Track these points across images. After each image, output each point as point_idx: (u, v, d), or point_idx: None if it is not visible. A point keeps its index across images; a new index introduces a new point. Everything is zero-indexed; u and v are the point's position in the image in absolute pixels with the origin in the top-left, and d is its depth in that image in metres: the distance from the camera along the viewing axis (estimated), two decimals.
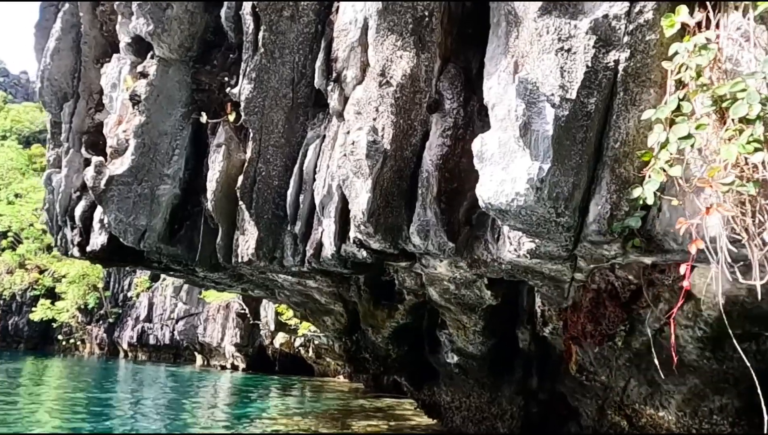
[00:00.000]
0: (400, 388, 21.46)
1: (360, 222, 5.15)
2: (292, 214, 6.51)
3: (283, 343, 30.08)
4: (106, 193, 6.68)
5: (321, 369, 30.48)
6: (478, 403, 8.63)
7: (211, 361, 36.14)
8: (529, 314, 7.63)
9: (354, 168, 4.99)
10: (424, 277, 6.61)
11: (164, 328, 39.83)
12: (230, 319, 33.56)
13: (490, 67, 5.34)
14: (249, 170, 6.43)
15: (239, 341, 32.99)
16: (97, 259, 7.78)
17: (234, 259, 6.92)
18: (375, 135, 4.94)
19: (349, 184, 5.26)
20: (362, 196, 5.00)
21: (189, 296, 35.41)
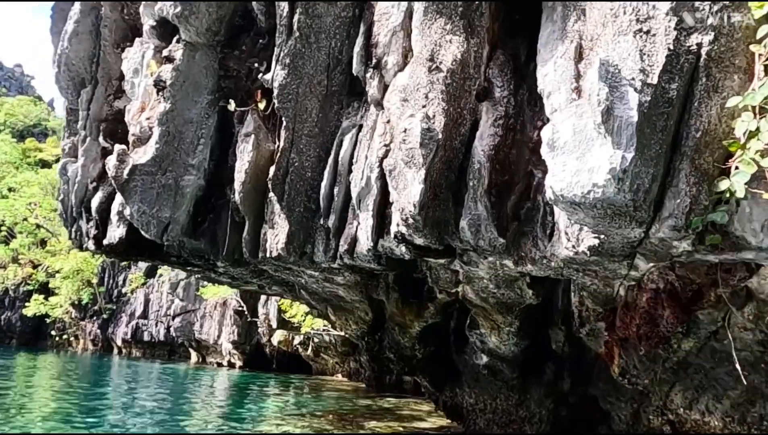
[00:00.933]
0: (402, 387, 21.43)
1: (409, 215, 4.85)
2: (325, 207, 6.21)
3: (282, 340, 29.80)
4: (129, 183, 6.35)
5: (319, 367, 30.25)
6: (506, 405, 8.36)
7: (207, 359, 35.79)
8: (564, 315, 7.38)
9: (406, 157, 4.70)
10: (461, 274, 6.32)
11: (159, 325, 39.39)
12: (227, 317, 33.24)
13: (545, 53, 5.06)
14: (281, 160, 6.12)
15: (237, 339, 32.66)
16: (114, 253, 7.44)
17: (261, 254, 6.61)
18: (429, 122, 4.64)
19: (397, 174, 4.96)
20: (414, 188, 4.70)
21: (186, 293, 35.02)
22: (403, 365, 8.31)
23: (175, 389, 20.18)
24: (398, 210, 4.98)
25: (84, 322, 45.12)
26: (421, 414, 14.57)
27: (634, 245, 4.56)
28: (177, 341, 37.89)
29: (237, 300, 32.25)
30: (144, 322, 40.36)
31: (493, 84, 5.33)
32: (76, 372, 26.28)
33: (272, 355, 32.45)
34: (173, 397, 17.52)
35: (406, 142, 4.67)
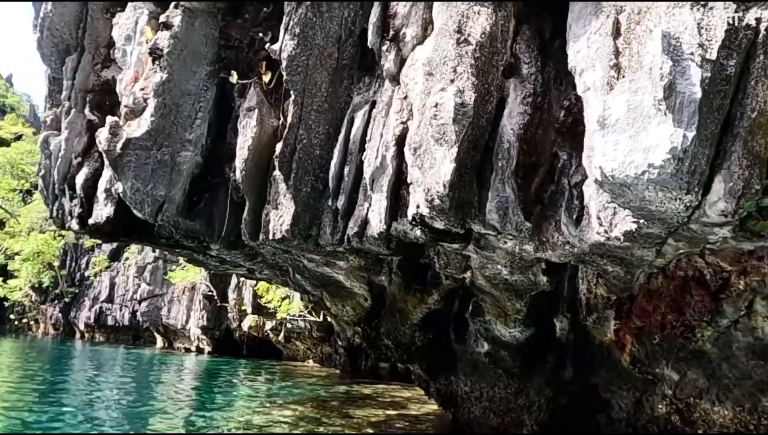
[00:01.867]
0: (377, 373, 21.27)
1: (436, 196, 4.57)
2: (334, 187, 5.89)
3: (252, 326, 29.40)
4: (122, 158, 5.91)
5: (289, 353, 29.98)
6: (504, 393, 8.21)
7: (175, 344, 35.12)
8: (569, 302, 7.23)
9: (436, 134, 4.41)
10: (473, 260, 6.09)
11: (123, 309, 38.51)
12: (196, 301, 32.64)
13: (577, 29, 4.83)
14: (289, 137, 5.77)
15: (206, 324, 32.12)
16: (100, 233, 6.98)
17: (262, 236, 6.26)
18: (462, 96, 4.35)
19: (422, 153, 4.67)
20: (444, 167, 4.42)
21: (153, 277, 34.20)
22: (402, 353, 8.07)
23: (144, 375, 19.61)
24: (423, 190, 4.69)
25: (45, 305, 43.84)
26: (403, 401, 14.42)
27: (672, 231, 4.39)
28: (142, 326, 37.10)
29: (207, 285, 31.69)
30: (108, 307, 39.39)
31: (519, 60, 5.08)
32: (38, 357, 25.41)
33: (242, 340, 32.06)
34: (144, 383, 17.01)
35: (437, 118, 4.38)
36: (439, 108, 4.37)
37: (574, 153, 5.12)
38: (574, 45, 4.82)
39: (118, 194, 6.77)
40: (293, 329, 25.56)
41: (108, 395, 13.29)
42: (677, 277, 5.07)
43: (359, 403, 13.56)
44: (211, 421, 10.12)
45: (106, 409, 11.14)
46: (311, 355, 28.46)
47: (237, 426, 9.67)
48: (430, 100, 4.48)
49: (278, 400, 13.48)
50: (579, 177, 5.02)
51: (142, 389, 15.56)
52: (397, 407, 12.90)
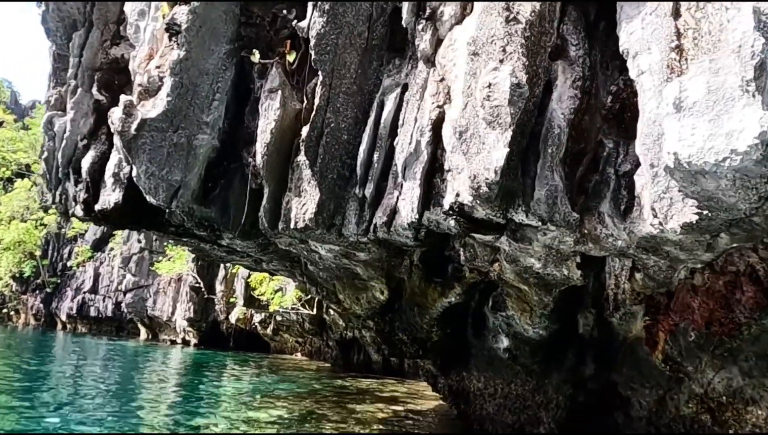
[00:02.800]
0: (370, 367, 21.02)
1: (484, 183, 4.30)
2: (362, 174, 5.60)
3: (240, 318, 29.03)
4: (137, 139, 5.55)
5: (277, 346, 29.70)
6: (522, 390, 7.99)
7: (160, 336, 34.59)
8: (593, 298, 7.01)
9: (489, 116, 4.13)
10: (506, 252, 5.83)
11: (107, 300, 37.88)
12: (183, 293, 32.16)
13: (630, 9, 4.58)
14: (316, 120, 5.45)
15: (192, 316, 31.65)
16: (106, 220, 6.62)
17: (282, 225, 5.95)
18: (517, 76, 4.08)
19: (469, 137, 4.39)
20: (496, 152, 4.14)
21: (138, 268, 33.60)
22: (417, 348, 7.81)
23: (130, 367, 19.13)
24: (468, 177, 4.41)
25: (26, 295, 42.99)
26: (402, 395, 14.20)
27: (732, 223, 4.16)
28: (126, 317, 36.53)
29: (194, 276, 31.22)
30: (91, 297, 38.69)
31: (567, 42, 4.81)
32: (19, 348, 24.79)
33: (229, 332, 31.67)
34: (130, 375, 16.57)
35: (491, 99, 4.10)
36: (492, 89, 4.09)
37: (621, 141, 4.88)
38: (626, 26, 4.57)
39: (128, 179, 6.43)
40: (283, 322, 25.20)
41: (92, 388, 12.84)
42: (728, 273, 4.86)
43: (359, 398, 13.30)
44: (210, 417, 9.78)
45: (91, 401, 10.72)
46: (299, 348, 28.19)
47: (239, 422, 9.36)
48: (482, 81, 4.19)
49: (276, 394, 13.16)
50: (628, 166, 4.78)
51: (128, 382, 15.13)
52: (399, 402, 12.65)
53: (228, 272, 30.58)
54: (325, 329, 22.41)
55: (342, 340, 22.01)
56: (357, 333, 19.36)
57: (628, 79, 4.87)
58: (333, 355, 23.11)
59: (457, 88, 4.94)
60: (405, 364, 19.95)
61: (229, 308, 30.50)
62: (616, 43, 4.97)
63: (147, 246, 33.65)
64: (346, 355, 22.48)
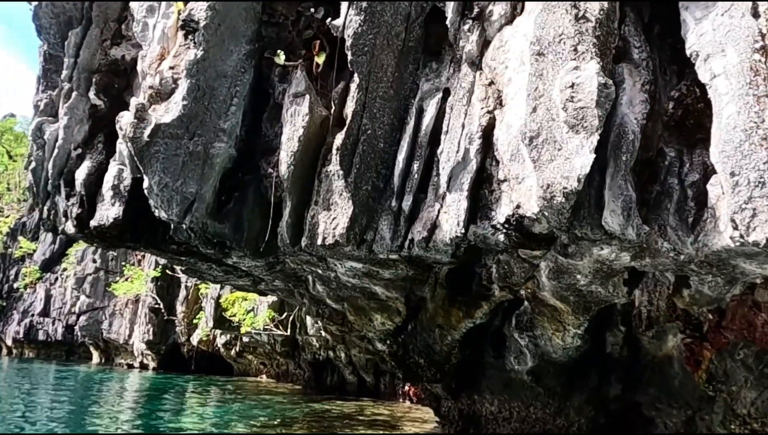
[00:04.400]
0: (345, 389, 20.39)
1: (560, 192, 3.92)
2: (399, 186, 5.16)
3: (203, 340, 27.98)
4: (150, 147, 4.97)
5: (241, 368, 28.77)
6: (542, 414, 7.62)
7: (116, 359, 33.02)
8: (623, 315, 6.74)
9: (573, 119, 3.77)
10: (549, 269, 5.47)
11: (56, 323, 35.98)
12: (140, 315, 30.83)
13: (697, 11, 4.34)
14: (352, 127, 5.00)
15: (151, 338, 30.30)
16: (102, 237, 5.97)
17: (306, 241, 5.44)
18: (604, 75, 3.74)
19: (542, 143, 4.01)
20: (579, 158, 3.77)
21: (93, 289, 32.05)
22: (435, 371, 7.35)
23: (86, 394, 17.87)
24: (539, 186, 4.03)
25: None
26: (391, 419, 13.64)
27: None
28: (77, 341, 34.76)
29: (153, 297, 29.96)
30: (40, 320, 36.71)
31: (629, 43, 4.53)
32: None
33: (190, 355, 30.43)
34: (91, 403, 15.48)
35: (575, 100, 3.74)
36: (576, 89, 3.74)
37: (685, 149, 4.62)
38: (696, 28, 4.32)
39: (128, 192, 5.82)
40: (250, 343, 24.30)
41: (41, 418, 11.79)
42: None
43: (347, 423, 12.70)
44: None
45: None
46: (264, 370, 27.31)
47: None
48: (562, 81, 3.84)
49: (254, 421, 12.41)
50: (696, 175, 4.51)
51: (82, 410, 14.04)
52: (390, 427, 12.10)
53: (189, 293, 29.49)
54: (298, 350, 21.70)
55: (315, 362, 21.34)
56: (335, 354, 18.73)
57: (690, 84, 4.62)
58: (305, 376, 22.37)
59: (511, 92, 4.58)
60: (381, 385, 19.47)
61: (191, 330, 29.38)
62: (672, 47, 4.74)
63: (103, 266, 32.19)
64: (318, 376, 21.80)
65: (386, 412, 15.30)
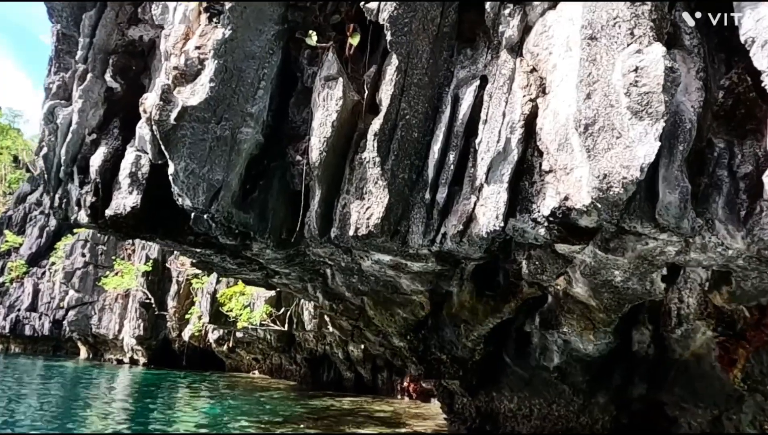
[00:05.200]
0: (341, 385, 20.20)
1: (620, 182, 3.74)
2: (434, 176, 4.97)
3: (194, 335, 27.70)
4: (176, 131, 4.73)
5: (233, 364, 28.58)
6: (565, 411, 7.46)
7: (105, 355, 32.60)
8: (650, 313, 6.59)
9: (636, 105, 3.59)
10: (585, 264, 5.29)
11: (43, 318, 35.43)
12: (131, 310, 30.47)
13: None
14: (390, 111, 4.80)
15: (142, 333, 29.98)
16: (118, 227, 5.71)
17: (336, 232, 5.23)
18: (669, 59, 3.56)
19: (598, 131, 3.83)
20: (643, 147, 3.59)
21: (82, 283, 31.59)
22: (457, 368, 7.17)
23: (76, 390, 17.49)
24: (596, 176, 3.84)
25: None
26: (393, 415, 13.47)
27: None
28: (65, 336, 34.28)
29: (143, 291, 29.62)
30: (26, 315, 36.14)
31: (681, 29, 4.35)
32: None
33: (181, 350, 30.14)
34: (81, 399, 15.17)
35: (639, 85, 3.56)
36: (640, 73, 3.56)
37: (735, 140, 4.46)
38: (751, 13, 4.15)
39: (146, 179, 5.57)
40: (244, 339, 24.09)
41: (28, 415, 11.46)
42: None
43: (352, 420, 12.52)
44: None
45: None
46: (257, 366, 27.09)
47: None
48: (624, 65, 3.65)
49: (258, 419, 12.18)
50: (749, 167, 4.36)
51: (71, 406, 13.69)
52: (395, 424, 11.91)
53: (181, 288, 29.20)
54: (294, 346, 21.49)
55: (311, 358, 21.14)
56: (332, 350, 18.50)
57: (741, 72, 4.47)
58: (301, 372, 22.16)
59: (557, 79, 4.40)
60: (378, 381, 19.34)
61: (182, 325, 29.11)
62: (719, 34, 4.58)
63: (92, 260, 31.74)
64: (314, 372, 21.62)
65: (388, 408, 15.14)
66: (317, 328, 18.81)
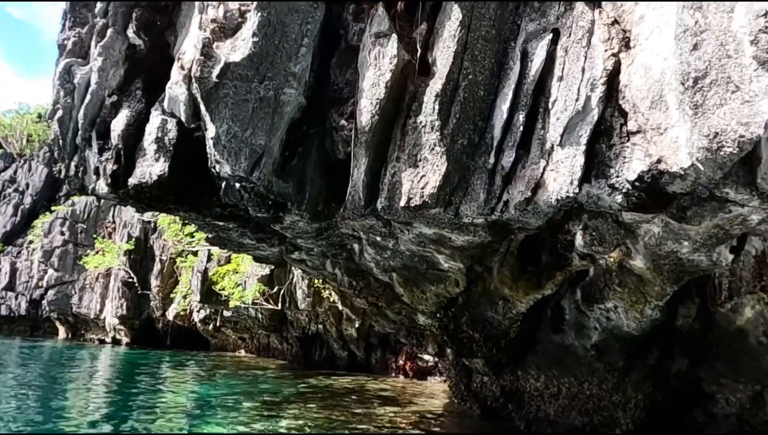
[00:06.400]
0: (334, 364, 19.92)
1: (735, 141, 3.39)
2: (499, 139, 4.57)
3: (179, 315, 27.18)
4: (218, 89, 4.25)
5: (218, 343, 28.12)
6: (597, 390, 7.22)
7: (86, 335, 31.86)
8: (697, 286, 6.34)
9: (765, 54, 3.22)
10: (651, 234, 4.98)
11: (20, 298, 34.44)
12: (112, 289, 29.74)
13: None
14: (453, 70, 4.38)
15: (125, 313, 29.31)
16: (140, 198, 5.22)
17: (384, 203, 4.82)
18: None
19: (709, 84, 3.46)
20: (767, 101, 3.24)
21: (62, 262, 30.70)
22: (491, 347, 6.86)
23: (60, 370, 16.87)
24: (705, 135, 3.49)
25: None
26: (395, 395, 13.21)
27: None
28: (42, 315, 33.39)
29: (126, 270, 28.91)
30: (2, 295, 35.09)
31: None
32: None
33: (165, 330, 29.61)
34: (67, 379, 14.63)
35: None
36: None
37: None
38: None
39: (174, 145, 5.08)
40: (231, 318, 23.63)
41: (10, 396, 10.93)
42: None
43: (356, 398, 12.23)
44: None
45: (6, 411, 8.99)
46: (243, 345, 26.71)
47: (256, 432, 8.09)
48: (752, 9, 3.27)
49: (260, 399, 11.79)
50: None
51: (56, 386, 13.12)
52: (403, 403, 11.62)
53: (165, 266, 28.60)
54: (285, 325, 21.11)
55: (304, 337, 20.79)
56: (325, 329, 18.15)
57: None
58: (292, 351, 21.80)
59: (645, 31, 4.02)
60: (372, 360, 19.14)
61: (166, 305, 28.57)
62: None
63: (72, 238, 30.83)
64: (306, 351, 21.29)
65: (387, 387, 14.92)
66: (311, 306, 18.46)
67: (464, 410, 10.41)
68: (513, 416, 8.54)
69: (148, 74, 5.26)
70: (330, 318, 18.38)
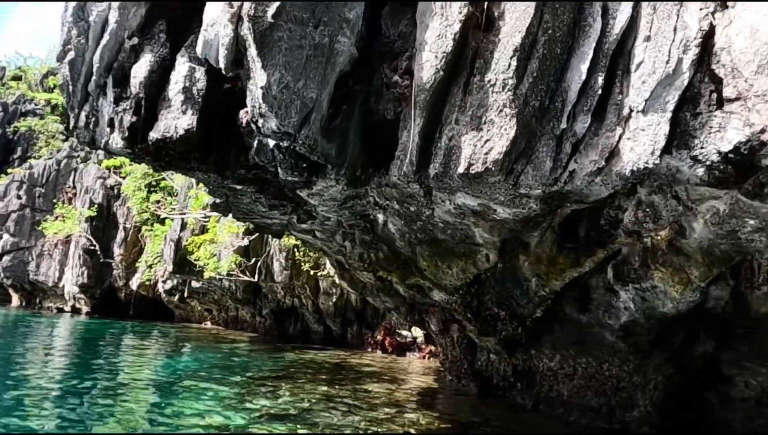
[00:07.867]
0: (308, 338, 19.57)
1: None
2: (573, 103, 4.20)
3: (143, 284, 26.39)
4: (273, 32, 3.73)
5: (183, 314, 27.42)
6: (617, 371, 7.05)
7: (44, 303, 30.63)
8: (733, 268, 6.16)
9: None
10: (715, 211, 4.72)
11: None
12: (72, 256, 28.56)
13: None
14: (533, 24, 3.96)
15: (85, 281, 28.22)
16: (159, 155, 4.66)
17: (439, 169, 4.42)
18: None
19: None
20: None
21: (18, 227, 29.26)
22: (516, 325, 6.57)
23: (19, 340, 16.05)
24: None
25: None
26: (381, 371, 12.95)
27: None
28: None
29: (87, 237, 27.75)
30: None
31: None
32: None
33: (127, 300, 28.69)
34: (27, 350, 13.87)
35: None
36: None
37: None
38: None
39: (203, 97, 4.55)
40: (200, 289, 22.98)
41: None
42: None
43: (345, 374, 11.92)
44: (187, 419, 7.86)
45: None
46: (209, 317, 26.10)
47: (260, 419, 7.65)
48: None
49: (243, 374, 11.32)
50: None
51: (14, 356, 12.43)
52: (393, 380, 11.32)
53: (128, 235, 27.64)
54: (259, 297, 20.61)
55: (279, 309, 20.33)
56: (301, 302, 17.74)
57: None
58: (265, 324, 21.33)
59: None
60: (348, 335, 18.92)
61: (129, 274, 27.67)
62: None
63: (29, 203, 29.40)
64: (279, 324, 20.86)
65: (369, 362, 14.70)
66: (288, 279, 18.02)
67: (459, 388, 10.20)
68: (515, 395, 8.34)
69: (173, 15, 4.68)
70: (307, 291, 18.00)
